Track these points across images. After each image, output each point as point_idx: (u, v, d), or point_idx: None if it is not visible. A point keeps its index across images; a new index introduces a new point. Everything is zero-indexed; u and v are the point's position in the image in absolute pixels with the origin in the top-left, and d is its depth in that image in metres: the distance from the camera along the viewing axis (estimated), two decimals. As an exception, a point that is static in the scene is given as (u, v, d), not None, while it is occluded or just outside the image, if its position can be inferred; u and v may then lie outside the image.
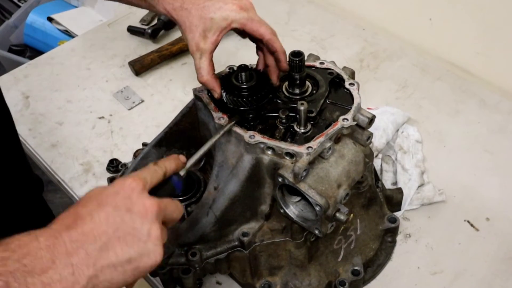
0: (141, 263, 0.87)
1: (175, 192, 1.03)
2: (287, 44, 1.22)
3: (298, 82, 1.21)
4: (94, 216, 0.85)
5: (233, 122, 1.15)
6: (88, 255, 0.82)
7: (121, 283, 0.86)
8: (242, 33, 1.21)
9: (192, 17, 1.14)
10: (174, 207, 0.96)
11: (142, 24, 2.15)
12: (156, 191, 0.97)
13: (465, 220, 1.49)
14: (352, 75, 1.27)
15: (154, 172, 0.97)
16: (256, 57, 1.26)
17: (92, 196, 0.89)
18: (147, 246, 0.87)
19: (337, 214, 1.10)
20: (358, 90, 1.21)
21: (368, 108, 1.63)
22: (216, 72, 1.22)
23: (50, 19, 2.84)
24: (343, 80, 1.24)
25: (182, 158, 1.06)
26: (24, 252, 0.78)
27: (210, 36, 1.14)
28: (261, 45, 1.21)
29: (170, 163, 1.02)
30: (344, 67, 1.29)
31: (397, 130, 1.66)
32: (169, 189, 1.02)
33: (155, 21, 2.12)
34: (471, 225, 1.48)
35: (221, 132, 1.14)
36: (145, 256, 0.87)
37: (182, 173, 1.05)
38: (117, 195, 0.88)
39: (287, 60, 1.20)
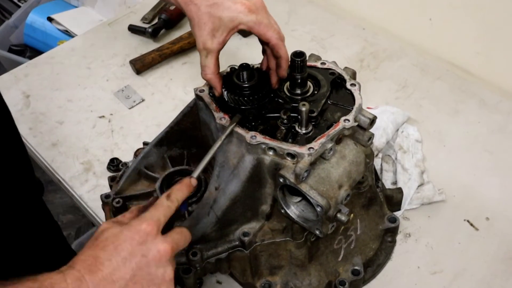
0: None
1: (181, 212, 1.06)
2: (287, 44, 1.22)
3: (299, 82, 1.21)
4: (113, 261, 0.92)
5: (234, 123, 1.15)
6: None
7: None
8: (246, 32, 1.21)
9: (201, 13, 1.13)
10: (184, 240, 1.02)
11: (144, 22, 2.15)
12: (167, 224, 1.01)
13: (465, 220, 1.50)
14: (353, 75, 1.27)
15: (167, 209, 1.02)
16: (259, 57, 1.26)
17: (109, 238, 0.95)
18: None
19: (338, 215, 1.11)
20: (360, 90, 1.21)
21: (368, 108, 1.63)
22: (218, 71, 1.22)
23: (50, 19, 2.84)
24: (345, 81, 1.24)
25: (194, 182, 1.10)
26: None
27: (218, 36, 1.14)
28: (267, 47, 1.20)
29: (182, 193, 1.06)
30: (346, 67, 1.29)
31: (397, 130, 1.67)
32: (177, 214, 1.05)
33: (156, 20, 2.12)
34: (471, 224, 1.49)
35: (224, 136, 1.14)
36: None
37: None
38: (133, 240, 0.94)
39: (288, 67, 1.20)
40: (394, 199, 1.46)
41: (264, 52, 1.24)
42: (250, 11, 1.13)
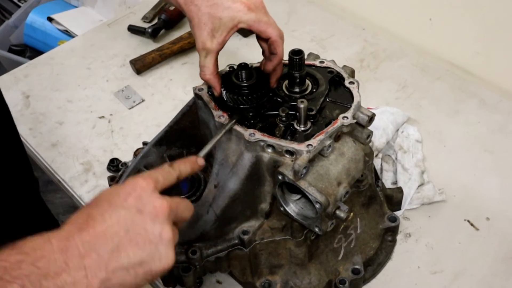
0: (153, 266, 0.87)
1: (181, 194, 1.02)
2: (287, 44, 1.22)
3: (298, 80, 1.21)
4: (106, 217, 0.85)
5: (233, 121, 1.15)
6: (100, 257, 0.82)
7: (133, 286, 0.86)
8: (245, 32, 1.21)
9: (201, 14, 1.13)
10: (185, 206, 0.96)
11: (144, 22, 2.16)
12: (165, 193, 0.95)
13: (465, 220, 1.49)
14: (352, 73, 1.27)
15: (167, 174, 0.97)
16: (259, 57, 1.26)
17: (103, 197, 0.89)
18: (158, 249, 0.87)
19: (337, 212, 1.10)
20: (358, 88, 1.22)
21: (368, 108, 1.63)
22: (216, 71, 1.22)
23: (50, 19, 2.84)
24: (343, 79, 1.24)
25: (201, 161, 1.06)
26: (38, 255, 0.78)
27: (218, 36, 1.14)
28: (265, 45, 1.20)
29: (185, 166, 1.02)
30: (344, 65, 1.29)
31: (397, 130, 1.66)
32: (177, 191, 1.01)
33: (156, 20, 2.12)
34: (471, 224, 1.48)
35: (222, 132, 1.14)
36: (156, 260, 0.87)
37: None
38: (128, 195, 0.88)
39: (278, 67, 1.20)
40: (394, 199, 1.46)
41: (264, 52, 1.24)
42: (249, 9, 1.13)
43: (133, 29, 2.11)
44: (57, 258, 0.79)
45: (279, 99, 1.22)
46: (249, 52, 1.92)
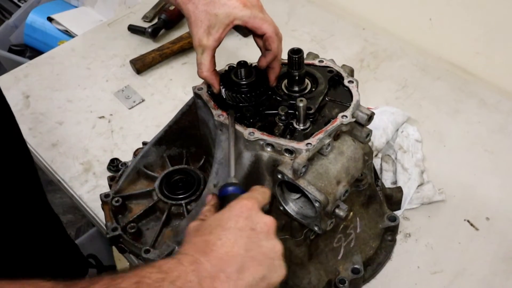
0: (272, 279, 0.91)
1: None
2: (287, 44, 1.22)
3: (297, 79, 1.21)
4: (224, 240, 0.89)
5: (233, 116, 1.15)
6: (228, 278, 0.85)
7: None
8: (245, 31, 1.21)
9: (198, 11, 1.14)
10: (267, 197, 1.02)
11: (145, 21, 2.16)
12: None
13: (465, 220, 1.49)
14: (351, 73, 1.27)
15: (263, 193, 1.01)
16: (258, 57, 1.26)
17: (211, 224, 0.92)
18: (274, 263, 0.91)
19: (336, 211, 1.10)
20: (357, 87, 1.21)
21: (368, 108, 1.63)
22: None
23: (50, 19, 2.84)
24: (342, 78, 1.24)
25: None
26: (175, 275, 0.82)
27: (214, 33, 1.14)
28: (261, 41, 1.20)
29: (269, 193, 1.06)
30: (343, 65, 1.29)
31: (397, 130, 1.66)
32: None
33: (156, 20, 2.12)
34: (471, 224, 1.48)
35: (231, 130, 1.14)
36: (273, 273, 0.91)
37: (235, 180, 1.06)
38: (239, 217, 0.92)
39: (275, 63, 1.20)
40: (394, 198, 1.46)
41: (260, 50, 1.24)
42: (245, 6, 1.14)
43: (133, 29, 2.11)
44: (192, 279, 0.83)
45: (278, 98, 1.22)
46: (249, 52, 1.92)
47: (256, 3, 1.17)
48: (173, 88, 1.91)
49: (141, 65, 1.95)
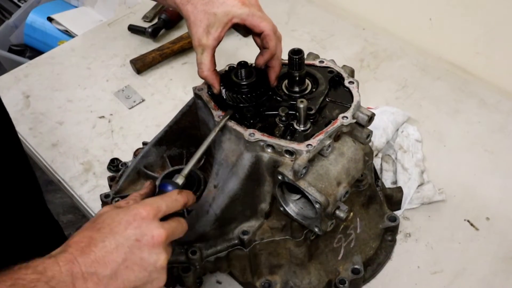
0: None
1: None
2: (287, 44, 1.22)
3: (297, 80, 1.21)
4: (106, 243, 0.91)
5: (227, 116, 1.15)
6: (100, 281, 0.89)
7: None
8: (245, 30, 1.21)
9: (197, 11, 1.15)
10: (180, 229, 1.02)
11: (145, 21, 2.16)
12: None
13: (465, 220, 1.49)
14: (351, 73, 1.27)
15: (174, 202, 1.02)
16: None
17: (106, 220, 0.95)
18: (152, 275, 0.95)
19: (337, 212, 1.10)
20: (358, 88, 1.21)
21: (368, 108, 1.63)
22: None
23: (50, 19, 2.84)
24: (343, 79, 1.24)
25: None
26: (49, 276, 0.85)
27: (213, 32, 1.14)
28: (259, 40, 1.20)
29: (193, 199, 1.08)
30: (344, 65, 1.29)
31: (397, 130, 1.66)
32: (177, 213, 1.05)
33: (156, 20, 2.12)
34: (471, 224, 1.48)
35: (216, 129, 1.14)
36: (149, 284, 0.95)
37: (180, 181, 1.08)
38: (128, 224, 0.94)
39: (275, 62, 1.20)
40: (394, 198, 1.46)
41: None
42: (243, 4, 1.14)
43: (133, 29, 2.11)
44: (65, 279, 0.86)
45: (279, 99, 1.22)
46: (249, 52, 1.90)
47: (255, 2, 1.17)
48: (173, 88, 1.91)
49: (141, 65, 1.95)
